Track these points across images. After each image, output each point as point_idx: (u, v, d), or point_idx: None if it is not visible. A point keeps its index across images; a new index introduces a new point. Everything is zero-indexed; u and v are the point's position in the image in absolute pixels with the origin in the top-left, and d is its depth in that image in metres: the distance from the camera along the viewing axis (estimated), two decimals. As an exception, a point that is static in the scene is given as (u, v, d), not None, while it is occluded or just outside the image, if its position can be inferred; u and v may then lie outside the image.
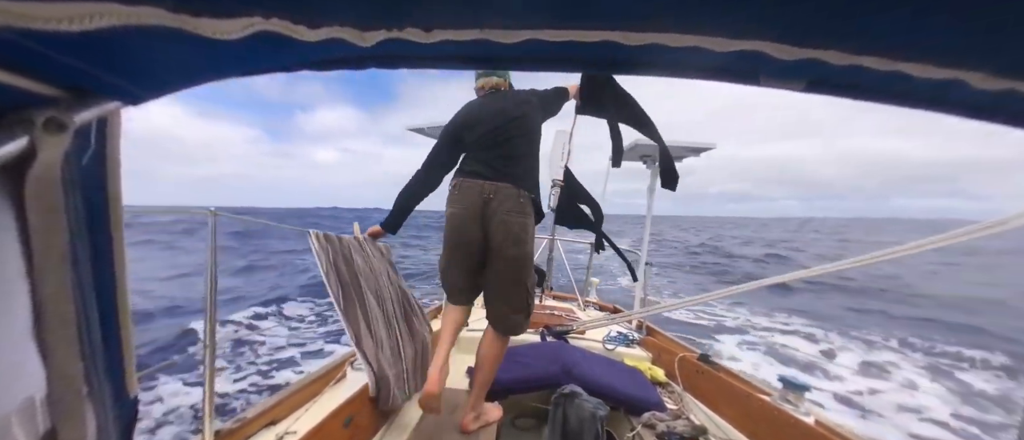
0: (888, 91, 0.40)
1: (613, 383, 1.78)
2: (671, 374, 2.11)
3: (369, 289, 1.61)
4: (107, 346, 0.39)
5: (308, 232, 1.44)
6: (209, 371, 1.03)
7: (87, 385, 0.35)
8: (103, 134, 0.36)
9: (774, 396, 1.60)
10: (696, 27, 0.35)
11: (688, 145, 2.68)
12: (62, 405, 0.33)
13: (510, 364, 1.97)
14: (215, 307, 1.03)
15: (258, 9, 0.31)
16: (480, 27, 0.37)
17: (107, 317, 0.39)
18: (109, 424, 0.39)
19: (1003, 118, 0.39)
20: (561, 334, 2.46)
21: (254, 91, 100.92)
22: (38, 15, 0.24)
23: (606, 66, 0.43)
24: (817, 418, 1.45)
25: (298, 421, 1.28)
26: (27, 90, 0.28)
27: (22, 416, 0.30)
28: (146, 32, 0.28)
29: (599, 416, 1.45)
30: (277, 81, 73.86)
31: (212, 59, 0.35)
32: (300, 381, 1.54)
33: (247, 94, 67.50)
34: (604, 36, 0.37)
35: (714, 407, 1.83)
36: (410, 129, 2.93)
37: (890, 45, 0.34)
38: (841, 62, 0.36)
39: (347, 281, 1.51)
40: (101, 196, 0.38)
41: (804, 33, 0.35)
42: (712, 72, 0.43)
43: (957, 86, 0.35)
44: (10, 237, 0.29)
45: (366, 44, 0.37)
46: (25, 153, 0.28)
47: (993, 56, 0.33)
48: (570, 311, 3.19)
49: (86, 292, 0.35)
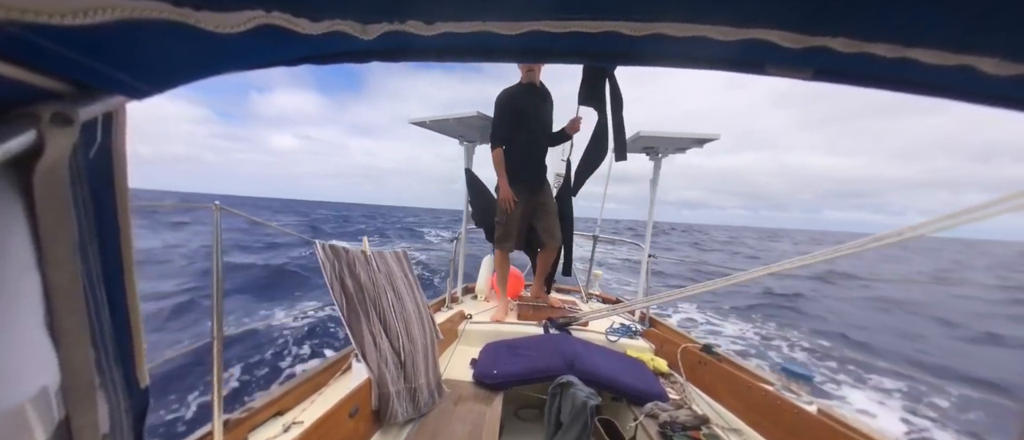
0: (897, 78, 0.39)
1: (616, 374, 1.80)
2: (674, 365, 2.12)
3: (372, 305, 1.62)
4: (117, 337, 0.40)
5: (314, 242, 1.45)
6: (216, 361, 1.04)
7: (99, 374, 0.36)
8: (109, 128, 0.36)
9: (776, 385, 1.61)
10: (701, 17, 0.35)
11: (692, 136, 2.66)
12: (75, 393, 0.33)
13: (513, 356, 1.98)
14: (221, 298, 1.04)
15: (260, 3, 0.31)
16: (482, 19, 0.36)
17: (116, 308, 0.40)
18: (121, 413, 0.40)
19: (1015, 104, 0.38)
20: (564, 326, 2.47)
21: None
22: (43, 9, 0.24)
23: (610, 58, 0.43)
24: (819, 407, 1.45)
25: (305, 411, 1.30)
26: (34, 85, 0.28)
27: (37, 405, 0.31)
28: (149, 26, 0.28)
29: (590, 406, 1.46)
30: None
31: (214, 53, 0.36)
32: (306, 372, 1.56)
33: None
34: (608, 27, 0.36)
35: (716, 397, 1.84)
36: (413, 122, 2.92)
37: (899, 31, 0.33)
38: (849, 50, 0.35)
39: (352, 293, 1.52)
40: (108, 189, 0.38)
41: (811, 21, 0.34)
42: (718, 62, 0.42)
43: (968, 72, 0.34)
44: (20, 230, 0.29)
45: (368, 37, 0.37)
46: (33, 147, 0.28)
47: (1005, 41, 0.32)
48: (573, 303, 3.20)
49: (95, 283, 0.36)
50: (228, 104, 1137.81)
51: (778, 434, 1.50)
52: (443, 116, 2.74)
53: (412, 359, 1.67)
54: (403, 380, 1.61)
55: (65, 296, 0.32)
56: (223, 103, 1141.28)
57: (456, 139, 3.19)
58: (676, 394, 1.87)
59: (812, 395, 1.54)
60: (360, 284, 1.58)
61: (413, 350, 1.69)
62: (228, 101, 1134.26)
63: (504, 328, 2.50)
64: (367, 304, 1.58)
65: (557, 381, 1.64)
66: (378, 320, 1.61)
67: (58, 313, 0.31)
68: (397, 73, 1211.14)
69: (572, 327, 2.49)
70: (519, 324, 2.58)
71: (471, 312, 2.75)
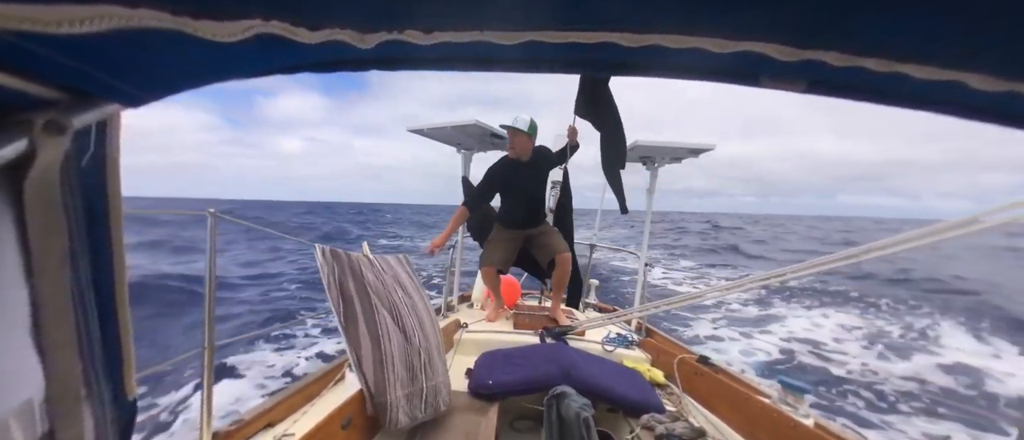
0: (888, 92, 0.40)
1: (612, 385, 1.78)
2: (670, 376, 2.11)
3: (383, 303, 1.58)
4: (106, 347, 0.39)
5: (314, 246, 1.44)
6: (207, 372, 1.02)
7: (85, 386, 0.35)
8: (103, 136, 0.36)
9: (773, 398, 1.60)
10: (696, 29, 0.35)
11: (687, 146, 2.69)
12: (60, 406, 0.33)
13: (508, 366, 1.97)
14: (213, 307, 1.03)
15: (258, 11, 0.31)
16: (480, 29, 0.37)
17: (106, 318, 0.39)
18: (107, 426, 0.39)
19: (1003, 119, 0.39)
20: (560, 335, 2.46)
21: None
22: (39, 18, 0.24)
23: (606, 68, 0.43)
24: (816, 421, 1.45)
25: (296, 423, 1.28)
26: (27, 92, 0.28)
27: (20, 418, 0.30)
28: (146, 34, 0.28)
29: (582, 418, 1.45)
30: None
31: (212, 61, 0.36)
32: (298, 383, 1.54)
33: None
34: (604, 37, 0.37)
35: (713, 409, 1.83)
36: (410, 130, 2.94)
37: (890, 46, 0.34)
38: (841, 63, 0.36)
39: (351, 297, 1.49)
40: (100, 197, 0.38)
41: (804, 34, 0.35)
42: (712, 74, 0.43)
43: (957, 87, 0.35)
44: (9, 238, 0.29)
45: (366, 46, 0.37)
46: (25, 155, 0.28)
47: (993, 57, 0.33)
48: (569, 312, 3.19)
49: (85, 293, 0.35)
50: (237, 109, 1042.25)
51: None
52: (441, 124, 2.77)
53: (429, 357, 1.64)
54: (414, 382, 1.57)
55: (53, 306, 0.31)
56: (232, 109, 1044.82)
57: (453, 147, 3.21)
58: (672, 405, 1.86)
59: (809, 408, 1.53)
60: (367, 285, 1.55)
61: (429, 347, 1.67)
62: (237, 106, 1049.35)
63: (500, 337, 2.49)
64: (376, 304, 1.55)
65: (552, 392, 1.62)
66: (391, 319, 1.58)
67: (46, 324, 0.31)
68: (400, 73, 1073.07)
69: (568, 336, 2.48)
70: (515, 333, 2.56)
71: (467, 321, 2.73)
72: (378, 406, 1.45)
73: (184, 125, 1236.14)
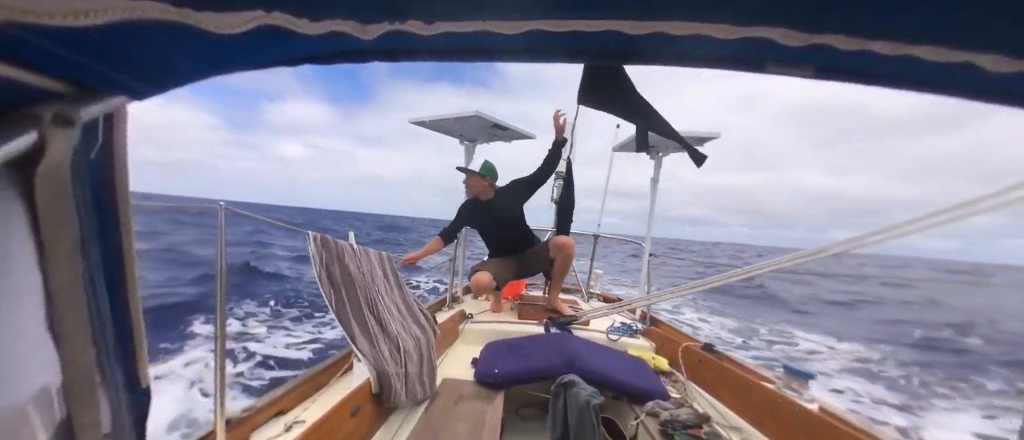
0: (898, 76, 0.39)
1: (616, 373, 1.79)
2: (674, 363, 2.12)
3: (362, 293, 1.64)
4: (118, 336, 0.40)
5: (307, 233, 1.46)
6: (219, 361, 1.04)
7: (100, 373, 0.36)
8: (110, 128, 0.36)
9: (777, 384, 1.61)
10: (701, 15, 0.35)
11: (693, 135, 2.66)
12: (76, 393, 0.33)
13: (514, 355, 1.99)
14: (225, 298, 1.05)
15: (260, 3, 0.31)
16: (482, 19, 0.36)
17: (118, 308, 0.40)
18: (123, 412, 0.40)
19: (1017, 101, 0.38)
20: (564, 325, 2.47)
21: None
22: (44, 11, 0.24)
23: (610, 56, 0.43)
24: (821, 405, 1.45)
25: (306, 411, 1.30)
26: (35, 86, 0.28)
27: (39, 405, 0.31)
28: (150, 27, 0.28)
29: (593, 405, 1.47)
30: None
31: (215, 53, 0.36)
32: (308, 372, 1.56)
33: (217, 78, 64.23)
34: (608, 25, 0.36)
35: (717, 395, 1.84)
36: (412, 121, 2.94)
37: (900, 29, 0.33)
38: (850, 47, 0.35)
39: (340, 283, 1.54)
40: (109, 189, 0.38)
41: (812, 19, 0.34)
42: (718, 60, 0.42)
43: (970, 69, 0.34)
44: (22, 230, 0.29)
45: (368, 37, 0.37)
46: (34, 148, 0.28)
47: (1007, 37, 0.32)
48: (574, 302, 3.20)
49: (97, 283, 0.36)
50: (242, 111, 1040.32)
51: (779, 432, 1.50)
52: (443, 116, 2.75)
53: (404, 347, 1.70)
54: (403, 364, 1.64)
55: (66, 295, 0.32)
56: (237, 111, 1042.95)
57: (456, 139, 3.20)
58: (677, 393, 1.87)
59: (813, 393, 1.54)
60: (350, 274, 1.60)
61: (403, 339, 1.72)
62: (242, 108, 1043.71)
63: (505, 327, 2.50)
64: (357, 293, 1.60)
65: (559, 381, 1.64)
66: (368, 308, 1.63)
67: (59, 312, 0.31)
68: (406, 83, 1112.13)
69: (573, 326, 2.49)
70: (520, 323, 2.58)
71: (472, 311, 2.75)
72: (381, 378, 1.49)
73: (197, 129, 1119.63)
